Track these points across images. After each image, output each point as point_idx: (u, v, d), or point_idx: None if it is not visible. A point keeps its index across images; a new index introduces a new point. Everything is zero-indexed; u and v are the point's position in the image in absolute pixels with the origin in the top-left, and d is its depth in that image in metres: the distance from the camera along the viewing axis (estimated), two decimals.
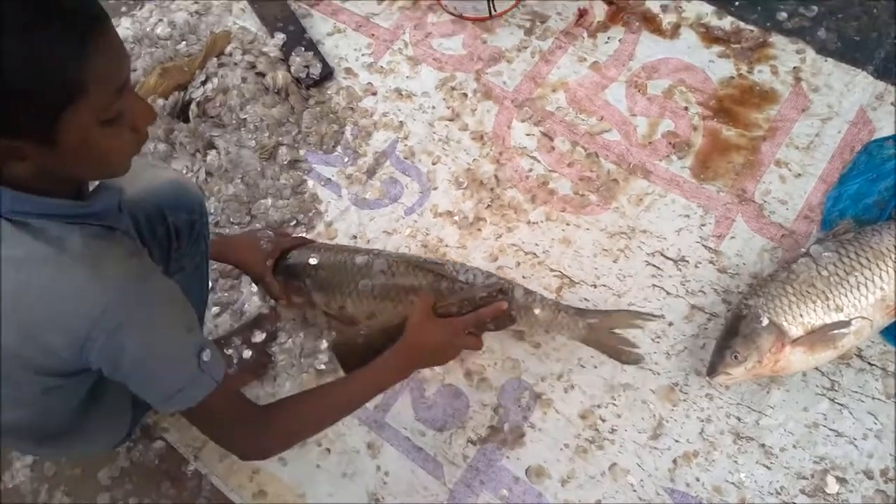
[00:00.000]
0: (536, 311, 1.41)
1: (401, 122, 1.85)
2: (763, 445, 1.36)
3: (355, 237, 1.71)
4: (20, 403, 1.04)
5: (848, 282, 1.35)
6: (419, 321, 1.30)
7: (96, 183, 1.02)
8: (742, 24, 1.86)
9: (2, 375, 0.98)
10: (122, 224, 1.03)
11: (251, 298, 1.63)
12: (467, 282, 1.43)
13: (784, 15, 1.85)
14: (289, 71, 1.91)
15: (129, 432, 1.33)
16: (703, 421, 1.40)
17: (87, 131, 0.86)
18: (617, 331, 1.42)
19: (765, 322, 1.35)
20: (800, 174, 1.64)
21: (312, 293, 1.50)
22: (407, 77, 1.91)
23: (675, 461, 1.37)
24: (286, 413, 1.15)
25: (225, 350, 1.52)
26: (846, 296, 1.35)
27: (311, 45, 1.97)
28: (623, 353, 1.42)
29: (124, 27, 2.07)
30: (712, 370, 1.37)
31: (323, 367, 1.53)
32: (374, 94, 1.90)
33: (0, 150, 0.83)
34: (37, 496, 1.54)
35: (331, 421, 1.23)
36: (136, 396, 1.22)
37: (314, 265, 1.49)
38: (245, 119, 1.85)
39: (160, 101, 1.86)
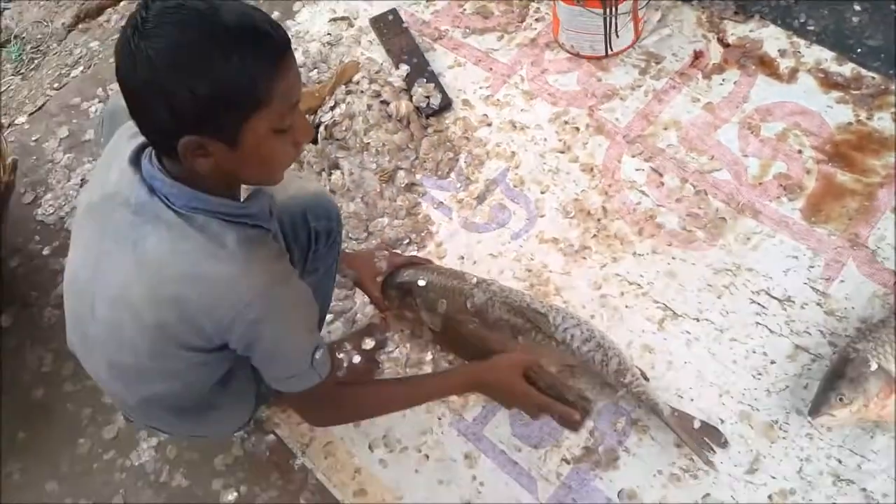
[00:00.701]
0: (620, 394, 1.48)
1: (513, 152, 1.93)
2: (864, 490, 1.34)
3: (462, 258, 1.79)
4: (170, 375, 1.18)
5: None
6: (507, 366, 1.32)
7: (248, 191, 1.16)
8: (863, 71, 1.85)
9: (160, 351, 1.12)
10: (272, 227, 1.17)
11: (364, 308, 1.74)
12: (563, 341, 1.48)
13: None
14: (411, 100, 2.03)
15: (250, 418, 1.46)
16: (801, 460, 1.39)
17: (262, 137, 1.00)
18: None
19: (873, 367, 1.34)
20: None
21: (421, 311, 1.60)
22: (521, 110, 2.00)
23: (770, 497, 1.36)
24: (359, 399, 1.32)
25: (337, 354, 1.63)
26: None
27: (433, 77, 2.09)
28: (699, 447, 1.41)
29: None
30: (815, 411, 1.36)
31: None
32: (489, 125, 2.00)
33: (194, 146, 0.98)
34: (159, 475, 1.68)
35: (388, 412, 1.43)
36: (259, 389, 1.36)
37: (423, 286, 1.59)
38: (368, 143, 1.98)
39: None
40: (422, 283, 1.60)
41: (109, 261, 1.11)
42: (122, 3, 2.86)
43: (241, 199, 1.13)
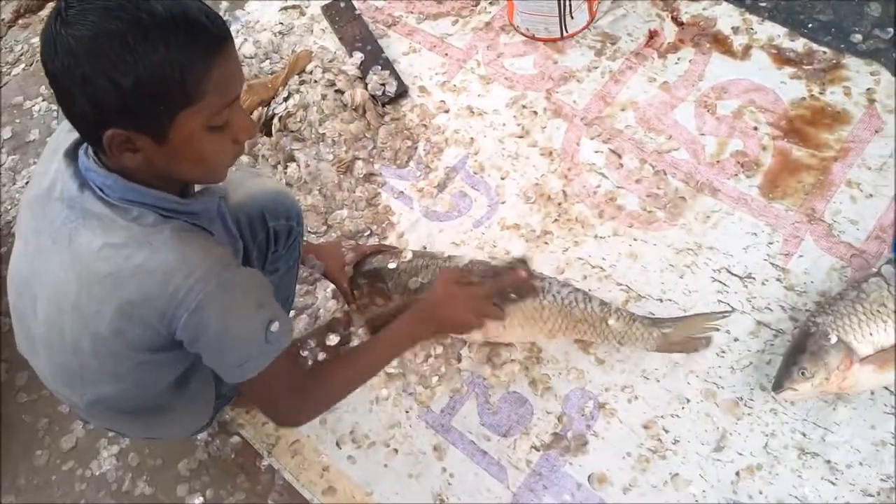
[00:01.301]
0: (611, 322, 1.45)
1: (472, 138, 1.91)
2: (828, 462, 1.36)
3: (425, 247, 1.77)
4: (120, 378, 1.12)
5: None
6: (441, 285, 1.35)
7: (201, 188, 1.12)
8: (815, 46, 1.86)
9: (105, 351, 1.07)
10: (214, 228, 1.12)
11: (326, 303, 1.71)
12: (542, 289, 1.48)
13: (858, 37, 1.85)
14: (366, 89, 2.00)
15: (211, 420, 1.41)
16: (767, 435, 1.41)
17: (193, 133, 0.97)
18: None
19: (833, 340, 1.35)
20: (871, 195, 1.63)
21: (394, 295, 1.57)
22: (478, 95, 1.98)
23: (737, 474, 1.38)
24: (325, 379, 1.20)
25: (301, 351, 1.60)
26: None
27: (388, 64, 2.06)
28: (696, 347, 1.47)
29: None
30: (778, 386, 1.38)
31: (392, 370, 1.59)
32: (447, 111, 1.97)
33: (120, 140, 0.94)
34: (121, 484, 1.64)
35: (359, 384, 1.27)
36: (219, 389, 1.32)
37: (394, 269, 1.56)
38: (324, 134, 1.94)
39: None
40: (392, 265, 1.58)
41: (46, 258, 1.07)
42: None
43: (190, 197, 1.10)
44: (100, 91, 0.90)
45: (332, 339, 1.63)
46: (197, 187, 1.13)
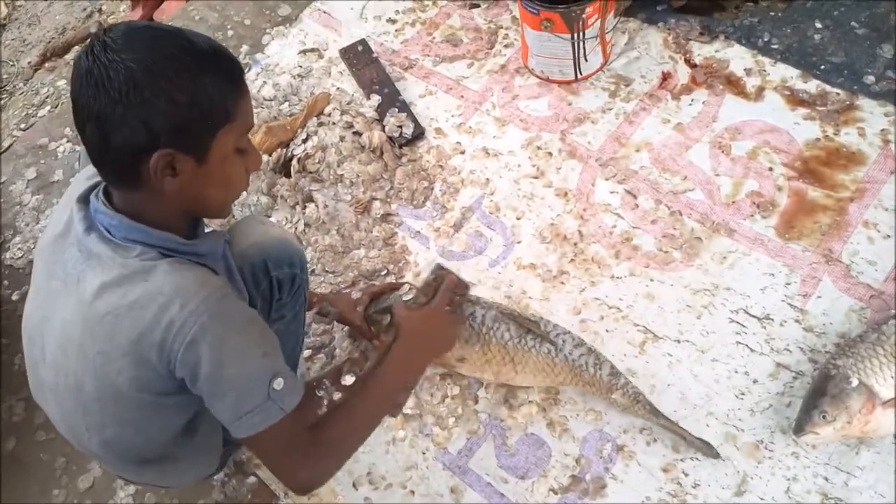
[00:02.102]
0: (614, 396, 1.48)
1: (487, 178, 1.93)
2: None
3: None
4: (123, 423, 1.11)
5: None
6: (404, 315, 1.32)
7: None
8: (828, 88, 1.88)
9: (108, 394, 1.07)
10: (219, 268, 1.14)
11: (342, 342, 1.72)
12: (555, 345, 1.49)
13: (871, 79, 1.86)
14: (383, 130, 2.03)
15: (219, 468, 1.40)
16: (789, 479, 1.39)
17: (227, 154, 1.05)
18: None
19: (854, 383, 1.34)
20: (889, 235, 1.63)
21: None
22: (494, 137, 2.00)
23: None
24: (335, 434, 1.15)
25: (316, 391, 1.60)
26: None
27: (405, 107, 2.09)
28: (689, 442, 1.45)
29: None
30: (799, 429, 1.36)
31: (409, 411, 1.59)
32: (463, 152, 2.00)
33: (165, 163, 0.99)
34: None
35: (371, 429, 1.22)
36: (227, 435, 1.31)
37: (410, 300, 1.57)
38: (342, 175, 1.97)
39: (264, 158, 2.00)
40: (407, 297, 1.58)
41: (56, 301, 1.09)
42: (89, 41, 2.84)
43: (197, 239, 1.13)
44: (156, 111, 0.96)
45: (348, 379, 1.63)
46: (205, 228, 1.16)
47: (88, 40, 0.99)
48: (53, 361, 1.11)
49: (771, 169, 1.78)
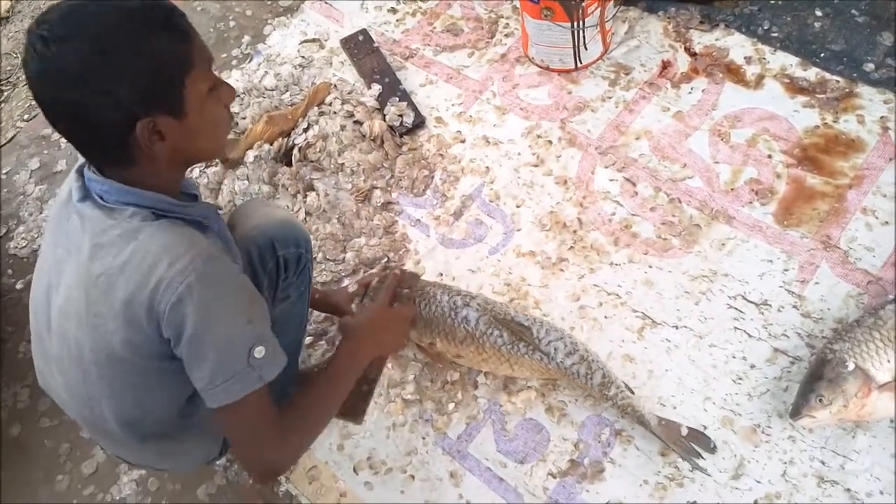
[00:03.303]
0: (606, 405, 1.50)
1: (487, 167, 1.94)
2: (848, 490, 1.35)
3: (441, 274, 1.79)
4: (122, 388, 1.12)
5: None
6: (345, 320, 1.43)
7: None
8: (827, 75, 1.88)
9: (103, 357, 1.08)
10: (216, 225, 1.16)
11: (338, 338, 1.72)
12: (548, 354, 1.49)
13: (871, 66, 1.87)
14: (384, 119, 2.04)
15: (221, 452, 1.41)
16: (785, 463, 1.40)
17: (203, 98, 1.05)
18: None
19: (851, 367, 1.35)
20: (887, 222, 1.63)
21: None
22: (494, 125, 2.01)
23: (756, 502, 1.37)
24: (303, 420, 1.17)
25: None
26: None
27: (405, 96, 2.10)
28: (690, 450, 1.41)
29: (234, 79, 2.25)
30: (796, 413, 1.37)
31: (409, 396, 1.60)
32: (463, 141, 2.00)
33: (150, 129, 1.01)
34: None
35: (322, 426, 1.25)
36: None
37: (411, 296, 1.58)
38: (343, 164, 1.98)
39: (266, 147, 2.01)
40: (407, 291, 1.59)
41: (60, 269, 1.11)
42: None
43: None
44: (120, 86, 0.97)
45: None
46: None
47: (26, 38, 0.99)
48: (58, 329, 1.13)
49: (770, 156, 1.78)
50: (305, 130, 2.04)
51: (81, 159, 1.11)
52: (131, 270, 1.02)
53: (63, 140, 2.35)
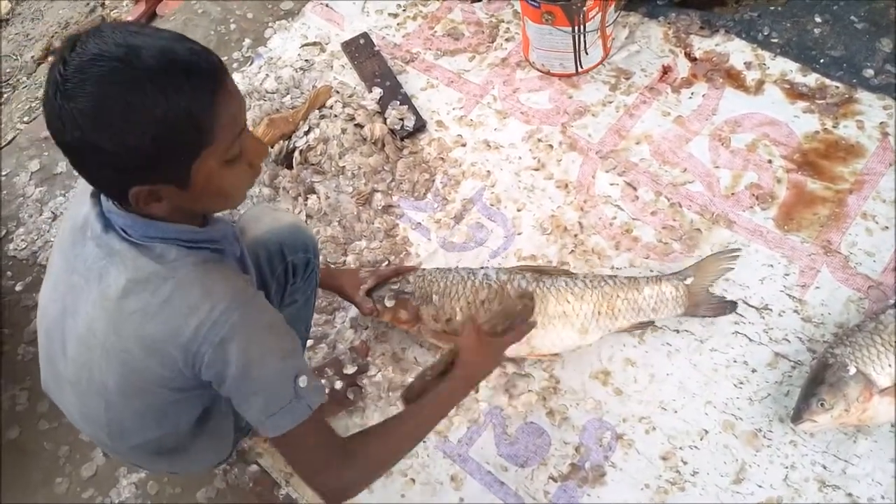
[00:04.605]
0: (643, 288, 1.53)
1: (488, 171, 1.94)
2: (850, 495, 1.35)
3: None
4: (143, 416, 1.13)
5: None
6: (471, 344, 1.30)
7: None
8: (827, 81, 1.89)
9: (130, 389, 1.09)
10: (235, 250, 1.14)
11: (344, 332, 1.73)
12: (570, 274, 1.57)
13: (870, 72, 1.87)
14: (385, 123, 2.04)
15: (231, 453, 1.42)
16: (787, 468, 1.40)
17: (213, 172, 0.99)
18: (711, 286, 1.57)
19: (852, 371, 1.35)
20: (887, 227, 1.64)
21: (421, 307, 1.59)
22: (495, 129, 2.01)
23: None
24: (368, 445, 1.14)
25: (319, 380, 1.60)
26: None
27: (406, 99, 2.10)
28: (723, 308, 1.56)
29: (235, 82, 2.24)
30: (797, 417, 1.37)
31: None
32: (464, 145, 2.01)
33: (145, 195, 0.96)
34: None
35: (408, 449, 1.22)
36: (238, 422, 1.33)
37: (420, 276, 1.60)
38: (343, 167, 1.98)
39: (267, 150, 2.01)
40: (419, 274, 1.62)
41: (79, 296, 1.08)
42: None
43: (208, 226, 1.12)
44: (116, 156, 0.91)
45: (350, 368, 1.64)
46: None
47: (52, 67, 0.92)
48: (76, 357, 1.11)
49: (770, 161, 1.79)
50: (306, 133, 2.04)
51: None
52: (170, 311, 1.01)
53: None
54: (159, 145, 0.91)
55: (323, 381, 1.61)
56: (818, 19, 2.01)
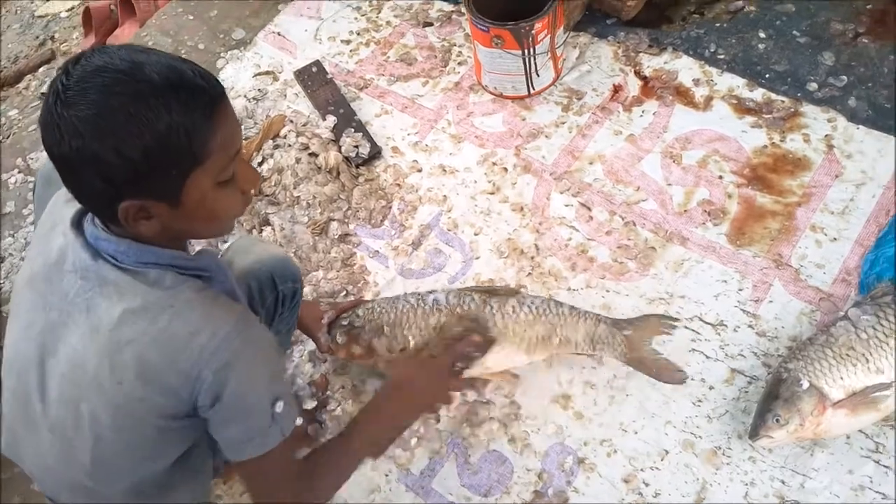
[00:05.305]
0: (580, 325, 1.52)
1: (444, 196, 1.94)
2: None
3: None
4: (135, 448, 1.09)
5: (888, 344, 1.36)
6: (396, 367, 1.37)
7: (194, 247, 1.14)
8: (773, 95, 1.92)
9: (126, 422, 1.05)
10: (223, 280, 1.12)
11: (304, 366, 1.71)
12: (518, 295, 1.55)
13: (814, 85, 1.91)
14: (339, 151, 2.03)
15: (206, 498, 1.37)
16: (747, 484, 1.41)
17: (205, 192, 0.99)
18: (654, 346, 1.52)
19: (805, 385, 1.37)
20: (836, 238, 1.66)
21: (373, 340, 1.56)
22: (450, 154, 2.01)
23: None
24: (317, 470, 1.16)
25: None
26: (886, 358, 1.36)
27: (361, 127, 2.09)
28: (666, 373, 1.50)
29: None
30: (754, 433, 1.38)
31: None
32: (420, 170, 2.00)
33: (135, 210, 0.96)
34: None
35: (348, 474, 1.23)
36: (215, 462, 1.30)
37: (370, 308, 1.59)
38: (298, 197, 1.97)
39: None
40: (368, 307, 1.60)
41: (58, 333, 1.05)
42: (41, 70, 2.81)
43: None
44: (111, 167, 0.91)
45: (309, 404, 1.62)
46: (197, 246, 1.14)
47: (54, 79, 0.93)
48: (60, 396, 1.07)
49: (721, 177, 1.81)
50: (260, 164, 2.03)
51: (67, 215, 1.06)
52: (169, 337, 1.00)
53: (11, 181, 2.30)
54: (156, 158, 0.92)
55: None
56: (762, 35, 2.04)
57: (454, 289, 1.61)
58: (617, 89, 2.02)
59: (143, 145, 0.91)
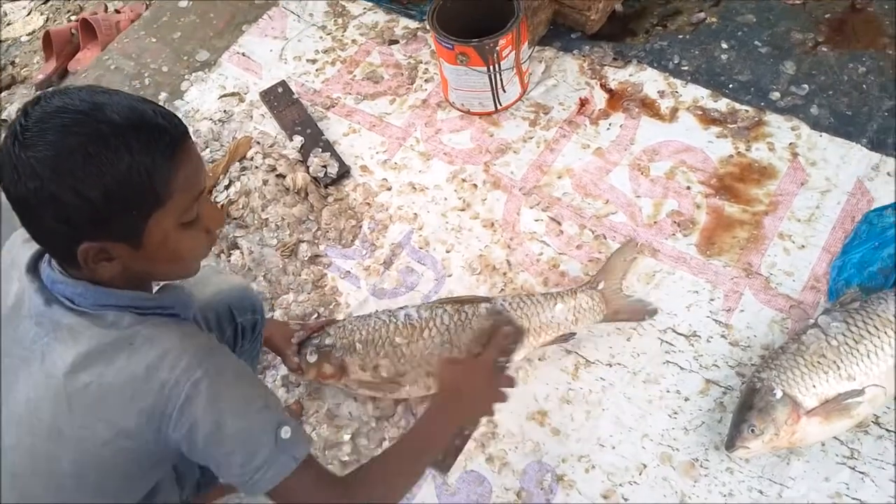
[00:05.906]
0: (558, 305, 1.55)
1: (415, 213, 1.93)
2: None
3: None
4: (101, 493, 1.04)
5: (858, 350, 1.37)
6: (446, 368, 1.28)
7: (158, 285, 1.11)
8: (737, 105, 1.94)
9: (90, 468, 1.01)
10: (188, 316, 1.09)
11: (277, 391, 1.68)
12: (493, 302, 1.57)
13: (777, 95, 1.93)
14: (307, 171, 2.01)
15: None
16: (725, 496, 1.40)
17: (168, 234, 0.97)
18: (624, 288, 1.62)
19: (779, 394, 1.37)
20: (803, 245, 1.68)
21: (345, 358, 1.55)
22: (419, 171, 2.01)
23: None
24: (369, 474, 1.10)
25: None
26: (857, 364, 1.37)
27: (328, 146, 2.08)
28: (641, 312, 1.60)
29: None
30: (730, 444, 1.38)
31: (346, 458, 1.56)
32: (389, 189, 1.99)
33: (95, 252, 0.93)
34: None
35: (412, 474, 1.16)
36: (182, 498, 1.26)
37: (340, 326, 1.58)
38: (267, 219, 1.94)
39: None
40: (339, 327, 1.58)
41: (15, 380, 1.02)
42: (2, 94, 2.76)
43: (153, 292, 1.08)
44: (70, 208, 0.89)
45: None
46: (155, 284, 1.11)
47: (13, 120, 0.92)
48: (16, 445, 1.03)
49: (689, 188, 1.82)
50: (227, 187, 2.00)
51: (24, 258, 1.03)
52: (127, 378, 0.96)
53: None
54: (115, 200, 0.90)
55: None
56: (724, 45, 2.07)
57: (425, 303, 1.60)
58: (583, 103, 2.03)
59: (104, 185, 0.89)
